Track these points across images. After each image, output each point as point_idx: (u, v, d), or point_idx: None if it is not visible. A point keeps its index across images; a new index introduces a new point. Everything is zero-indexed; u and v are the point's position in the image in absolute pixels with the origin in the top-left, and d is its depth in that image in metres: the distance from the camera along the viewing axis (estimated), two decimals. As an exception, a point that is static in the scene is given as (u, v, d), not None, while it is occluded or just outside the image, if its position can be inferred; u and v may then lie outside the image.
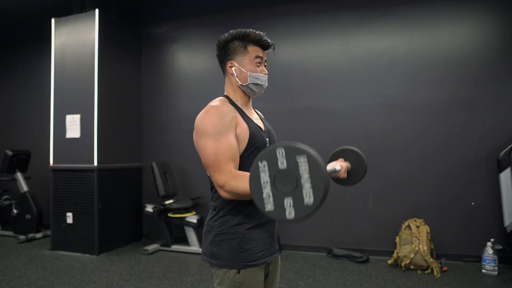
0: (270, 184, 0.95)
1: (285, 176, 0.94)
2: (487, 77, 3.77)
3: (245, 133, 1.27)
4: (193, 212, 4.38)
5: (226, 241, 1.27)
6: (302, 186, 0.92)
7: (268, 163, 0.95)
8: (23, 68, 5.76)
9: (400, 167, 3.99)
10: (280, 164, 0.94)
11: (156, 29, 5.06)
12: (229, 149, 1.21)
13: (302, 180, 0.92)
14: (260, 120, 1.43)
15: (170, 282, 3.29)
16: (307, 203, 0.92)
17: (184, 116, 4.80)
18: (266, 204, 0.96)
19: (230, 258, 1.26)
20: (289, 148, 0.93)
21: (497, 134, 3.70)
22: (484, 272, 3.41)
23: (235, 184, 1.16)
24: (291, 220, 0.94)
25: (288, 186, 0.93)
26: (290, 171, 0.93)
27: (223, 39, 1.36)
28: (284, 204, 0.94)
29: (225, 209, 1.29)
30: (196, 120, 1.27)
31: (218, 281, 1.29)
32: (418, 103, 3.95)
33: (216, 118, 1.22)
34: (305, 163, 0.92)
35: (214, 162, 1.20)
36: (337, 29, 4.28)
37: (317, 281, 3.30)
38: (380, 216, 4.03)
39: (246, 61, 1.34)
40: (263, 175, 0.96)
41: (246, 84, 1.34)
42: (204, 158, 1.23)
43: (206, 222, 1.36)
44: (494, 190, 3.67)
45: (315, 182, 0.91)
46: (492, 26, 3.81)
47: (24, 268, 3.65)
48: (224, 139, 1.21)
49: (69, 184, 4.29)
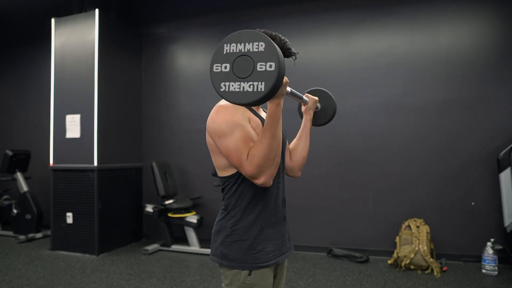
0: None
1: (244, 61, 0.97)
2: (487, 77, 3.77)
3: (259, 128, 1.26)
4: (193, 212, 4.38)
5: (238, 242, 1.25)
6: (257, 70, 0.96)
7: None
8: (23, 68, 5.76)
9: (400, 167, 3.99)
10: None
11: (156, 29, 5.06)
12: (247, 138, 1.19)
13: (258, 66, 0.96)
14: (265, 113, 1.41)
15: (170, 282, 3.29)
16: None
17: (184, 116, 4.80)
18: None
19: (241, 259, 1.24)
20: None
21: (497, 134, 3.70)
22: (484, 272, 3.41)
23: (255, 160, 1.14)
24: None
25: (245, 71, 0.97)
26: (248, 55, 0.97)
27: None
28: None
29: (236, 209, 1.27)
30: (208, 122, 1.24)
31: (227, 281, 1.28)
32: (418, 103, 3.95)
33: (228, 114, 1.21)
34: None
35: (239, 157, 1.17)
36: (337, 29, 4.28)
37: (317, 281, 3.30)
38: (380, 216, 4.03)
39: None
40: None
41: None
42: (230, 158, 1.20)
43: (216, 222, 1.33)
44: (494, 190, 3.67)
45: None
46: (492, 26, 3.81)
47: (24, 268, 3.65)
48: (239, 131, 1.18)
49: (69, 184, 4.30)
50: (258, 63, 0.96)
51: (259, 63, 0.95)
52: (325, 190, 4.22)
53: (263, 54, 0.95)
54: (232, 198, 1.28)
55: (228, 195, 1.29)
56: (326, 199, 4.21)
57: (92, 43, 4.20)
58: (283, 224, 1.36)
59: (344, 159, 4.16)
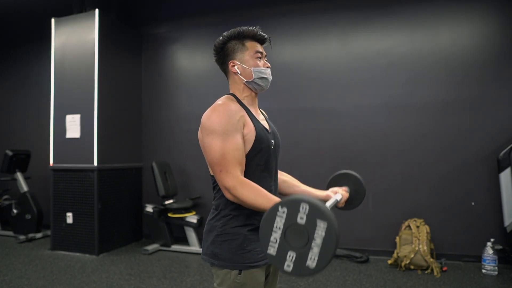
0: (282, 231, 0.96)
1: (298, 231, 0.94)
2: (487, 77, 3.77)
3: (251, 134, 1.26)
4: (193, 212, 4.38)
5: (228, 241, 1.26)
6: (310, 248, 0.93)
7: (287, 211, 0.96)
8: (23, 68, 5.76)
9: (400, 167, 3.99)
10: (299, 218, 0.94)
11: (156, 29, 5.06)
12: (237, 150, 1.20)
13: (313, 243, 0.93)
14: (266, 121, 1.42)
15: (170, 282, 3.29)
16: (308, 265, 0.93)
17: (184, 116, 4.80)
18: (270, 247, 0.97)
19: (231, 258, 1.25)
20: (313, 207, 0.93)
21: (497, 134, 3.70)
22: (484, 272, 3.41)
23: (241, 192, 1.16)
24: (287, 272, 0.96)
25: (297, 241, 0.94)
26: (305, 229, 0.93)
27: (219, 42, 1.35)
28: (286, 255, 0.95)
29: (227, 209, 1.28)
30: (203, 118, 1.25)
31: (218, 281, 1.29)
32: (418, 103, 3.95)
33: (224, 116, 1.21)
34: (323, 229, 0.92)
35: (220, 161, 1.18)
36: (337, 29, 4.28)
37: (317, 281, 3.30)
38: (380, 216, 4.03)
39: (247, 57, 1.33)
40: (278, 220, 0.96)
41: (252, 80, 1.33)
42: (210, 156, 1.21)
43: (208, 221, 1.35)
44: (494, 190, 3.67)
45: (324, 250, 0.92)
46: (492, 26, 3.81)
47: (24, 268, 3.65)
48: (232, 139, 1.20)
49: (69, 184, 4.30)
50: (314, 244, 0.93)
51: (314, 244, 0.93)
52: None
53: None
54: (223, 198, 1.28)
55: (219, 194, 1.30)
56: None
57: (92, 43, 4.20)
58: None
59: (344, 159, 4.16)
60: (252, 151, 1.26)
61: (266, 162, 1.31)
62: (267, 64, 1.37)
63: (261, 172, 1.30)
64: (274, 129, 1.44)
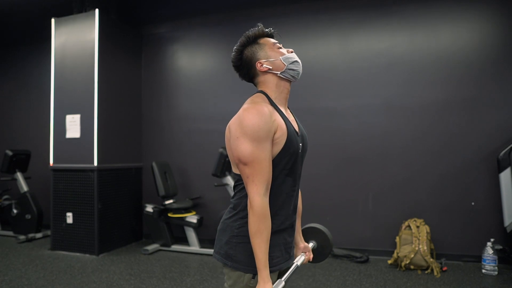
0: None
1: None
2: (487, 77, 3.77)
3: (283, 137, 1.21)
4: (193, 212, 4.38)
5: (243, 244, 1.23)
6: None
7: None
8: (23, 68, 5.76)
9: (400, 167, 3.99)
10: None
11: (156, 29, 5.06)
12: (265, 160, 1.16)
13: None
14: (296, 122, 1.37)
15: (170, 282, 3.29)
16: None
17: (184, 116, 4.80)
18: None
19: (246, 262, 1.23)
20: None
21: (497, 134, 3.70)
22: (484, 272, 3.41)
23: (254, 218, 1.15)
24: None
25: None
26: None
27: (236, 57, 1.33)
28: None
29: (246, 210, 1.23)
30: (236, 118, 1.21)
31: (230, 282, 1.27)
32: (418, 103, 3.95)
33: (258, 121, 1.16)
34: None
35: (250, 167, 1.15)
36: (337, 29, 4.28)
37: (317, 281, 3.30)
38: (380, 216, 4.03)
39: (269, 52, 1.31)
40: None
41: (285, 69, 1.29)
42: (238, 158, 1.17)
43: (223, 220, 1.31)
44: (494, 190, 3.67)
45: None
46: (492, 26, 3.81)
47: (24, 268, 3.65)
48: (263, 148, 1.16)
49: (69, 184, 4.29)
50: None
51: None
52: (325, 190, 4.22)
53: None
54: (244, 199, 1.25)
55: (240, 195, 1.27)
56: (326, 199, 4.21)
57: (92, 43, 4.20)
58: (290, 231, 1.34)
59: (344, 159, 4.16)
60: (280, 155, 1.22)
61: (292, 166, 1.27)
62: (290, 49, 1.35)
63: (285, 176, 1.26)
64: (303, 131, 1.39)
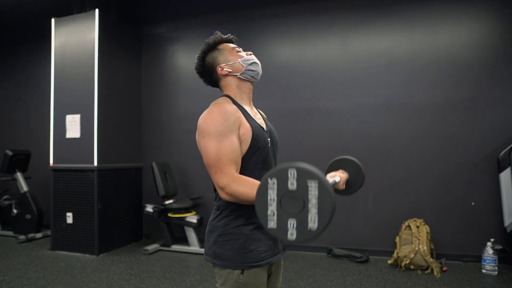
0: (277, 202, 0.95)
1: (292, 197, 0.94)
2: (487, 77, 3.77)
3: (248, 134, 1.27)
4: (193, 212, 4.38)
5: (230, 241, 1.26)
6: (308, 210, 0.92)
7: (277, 181, 0.95)
8: (23, 68, 5.76)
9: (400, 167, 3.99)
10: (290, 185, 0.94)
11: (156, 29, 5.06)
12: (231, 151, 1.20)
13: (309, 204, 0.92)
14: (263, 120, 1.43)
15: (170, 282, 3.29)
16: (311, 228, 0.93)
17: (184, 116, 4.80)
18: (270, 221, 0.96)
19: (234, 258, 1.25)
20: (301, 170, 0.93)
21: (497, 134, 3.70)
22: (484, 272, 3.41)
23: (236, 188, 1.17)
24: (292, 241, 0.95)
25: (294, 207, 0.93)
26: (298, 193, 0.93)
27: (198, 64, 1.41)
28: (287, 224, 0.94)
29: (228, 209, 1.28)
30: (199, 120, 1.26)
31: (221, 281, 1.29)
32: (418, 103, 3.95)
33: (219, 118, 1.22)
34: (315, 188, 0.92)
35: (215, 163, 1.20)
36: (337, 29, 4.28)
37: (317, 281, 3.30)
38: (380, 216, 4.03)
39: (228, 56, 1.38)
40: (271, 192, 0.96)
41: (244, 70, 1.36)
42: (206, 158, 1.23)
43: (209, 222, 1.35)
44: (494, 190, 3.67)
45: (322, 208, 0.92)
46: (492, 26, 3.81)
47: (24, 268, 3.65)
48: (226, 140, 1.20)
49: (69, 184, 4.29)
50: (310, 205, 0.92)
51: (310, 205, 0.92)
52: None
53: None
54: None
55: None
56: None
57: (92, 43, 4.20)
58: None
59: (344, 159, 4.16)
60: (250, 150, 1.27)
61: (264, 160, 1.32)
62: (248, 52, 1.41)
63: (260, 171, 1.30)
64: (271, 128, 1.45)
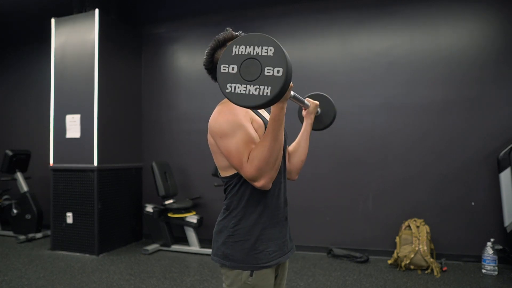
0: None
1: (251, 64, 0.98)
2: (487, 77, 3.77)
3: (261, 129, 1.26)
4: (193, 212, 4.38)
5: (240, 242, 1.25)
6: (264, 73, 0.97)
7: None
8: (23, 68, 5.76)
9: (400, 167, 3.99)
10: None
11: (156, 29, 5.06)
12: (249, 142, 1.19)
13: (265, 69, 0.97)
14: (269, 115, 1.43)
15: (170, 282, 3.29)
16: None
17: (184, 116, 4.80)
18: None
19: (244, 259, 1.24)
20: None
21: (497, 134, 3.70)
22: (484, 272, 3.41)
23: (255, 164, 1.14)
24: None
25: (252, 74, 0.98)
26: (256, 59, 0.98)
27: (207, 61, 1.39)
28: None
29: (238, 209, 1.27)
30: (210, 121, 1.25)
31: (228, 282, 1.28)
32: (418, 103, 3.95)
33: (231, 114, 1.22)
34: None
35: (239, 159, 1.17)
36: (337, 29, 4.28)
37: (317, 281, 3.30)
38: (380, 216, 4.03)
39: None
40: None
41: None
42: (231, 159, 1.20)
43: (218, 222, 1.33)
44: (494, 190, 3.67)
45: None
46: (492, 26, 3.81)
47: (24, 268, 3.65)
48: (240, 133, 1.19)
49: (69, 184, 4.29)
50: (266, 67, 0.96)
51: (267, 68, 0.96)
52: (325, 190, 4.22)
53: (271, 59, 0.96)
54: (234, 198, 1.28)
55: (230, 195, 1.30)
56: (326, 199, 4.21)
57: (92, 43, 4.20)
58: (285, 224, 1.36)
59: (344, 159, 4.16)
60: None
61: None
62: None
63: None
64: None
